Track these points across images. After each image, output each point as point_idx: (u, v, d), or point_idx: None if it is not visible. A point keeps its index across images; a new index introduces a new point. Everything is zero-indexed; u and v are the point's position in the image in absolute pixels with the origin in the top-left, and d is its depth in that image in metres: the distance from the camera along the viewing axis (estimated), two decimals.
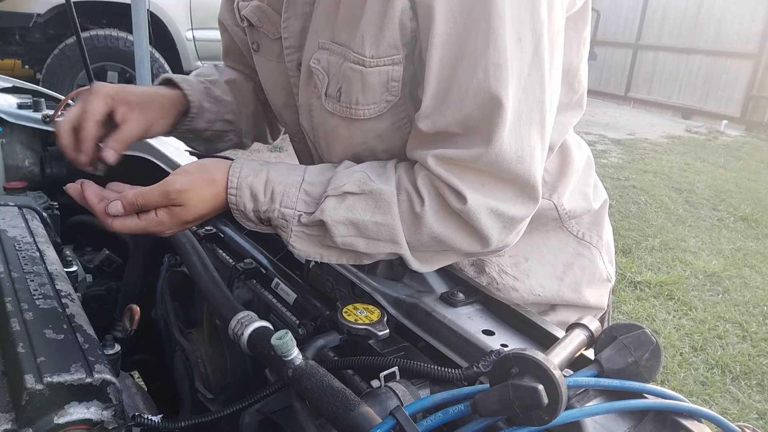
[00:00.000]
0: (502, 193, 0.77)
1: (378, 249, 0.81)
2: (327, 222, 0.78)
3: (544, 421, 0.53)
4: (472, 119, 0.74)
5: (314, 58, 0.83)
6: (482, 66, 0.71)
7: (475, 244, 0.80)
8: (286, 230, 0.81)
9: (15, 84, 1.84)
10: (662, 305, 3.63)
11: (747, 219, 5.31)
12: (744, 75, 9.77)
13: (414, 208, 0.79)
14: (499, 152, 0.74)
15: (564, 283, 0.99)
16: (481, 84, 0.72)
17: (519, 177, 0.76)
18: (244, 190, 0.81)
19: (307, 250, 0.83)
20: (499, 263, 0.95)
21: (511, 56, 0.71)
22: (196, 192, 0.80)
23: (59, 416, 0.60)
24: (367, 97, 0.80)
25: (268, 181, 0.81)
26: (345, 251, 0.83)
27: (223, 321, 0.80)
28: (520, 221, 0.81)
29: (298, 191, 0.81)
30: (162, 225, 0.81)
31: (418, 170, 0.80)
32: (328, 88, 0.83)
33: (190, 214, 0.81)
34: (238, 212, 0.83)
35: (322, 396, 0.61)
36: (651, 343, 0.64)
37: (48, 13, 5.28)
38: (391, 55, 0.77)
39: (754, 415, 2.68)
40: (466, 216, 0.77)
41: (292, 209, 0.80)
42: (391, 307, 0.82)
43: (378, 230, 0.79)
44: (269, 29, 0.93)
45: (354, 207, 0.79)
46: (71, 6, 1.82)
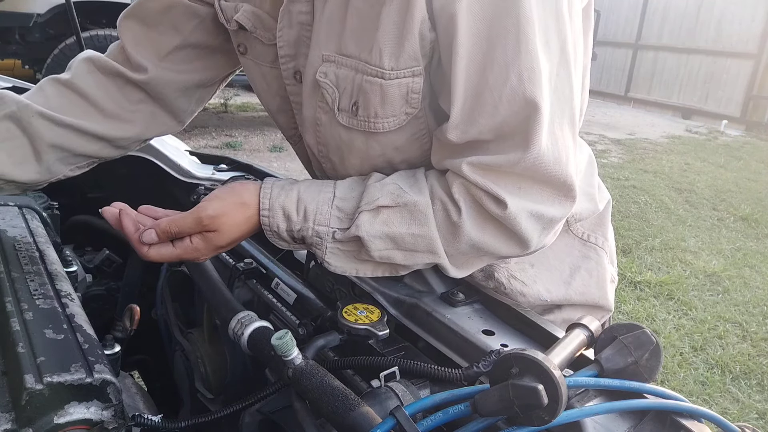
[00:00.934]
0: (539, 194, 0.77)
1: (416, 260, 0.81)
2: (363, 237, 0.78)
3: (544, 421, 0.53)
4: (507, 125, 0.73)
5: (320, 71, 0.81)
6: (515, 71, 0.71)
7: (514, 247, 0.80)
8: (320, 248, 0.81)
9: (15, 84, 1.84)
10: (662, 305, 3.63)
11: (747, 219, 5.31)
12: (744, 75, 9.78)
13: (450, 218, 0.78)
14: (537, 156, 0.73)
15: (571, 287, 0.98)
16: (516, 89, 0.71)
17: (556, 178, 0.76)
18: (276, 211, 0.81)
19: (343, 265, 0.82)
20: (508, 268, 0.95)
21: (542, 59, 0.71)
22: (229, 216, 0.80)
23: (59, 416, 0.60)
24: (387, 110, 0.80)
25: (299, 200, 0.81)
26: (381, 264, 0.83)
27: (223, 321, 0.80)
28: (559, 221, 0.81)
29: (330, 208, 0.80)
30: (197, 251, 0.81)
31: (452, 179, 0.79)
32: (339, 102, 0.82)
33: (224, 239, 0.81)
34: (271, 233, 0.82)
35: (322, 396, 0.61)
36: (651, 343, 0.64)
37: (48, 13, 5.27)
38: (411, 66, 0.76)
39: (754, 415, 2.68)
40: (506, 221, 0.76)
41: (326, 226, 0.80)
42: (391, 307, 0.82)
43: (415, 242, 0.79)
44: (263, 35, 0.91)
45: (389, 220, 0.78)
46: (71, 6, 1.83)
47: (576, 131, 0.78)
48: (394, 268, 0.83)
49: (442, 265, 0.81)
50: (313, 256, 0.99)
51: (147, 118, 1.06)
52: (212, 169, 1.38)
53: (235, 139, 6.45)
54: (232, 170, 1.39)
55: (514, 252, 0.81)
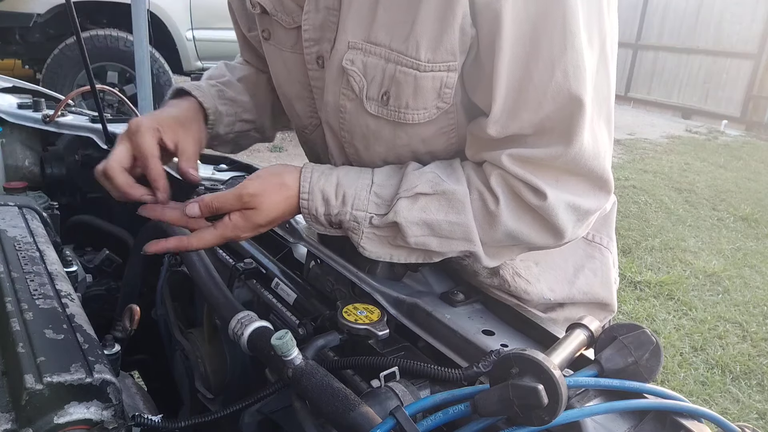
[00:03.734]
0: (576, 187, 0.78)
1: (451, 247, 0.82)
2: (401, 223, 0.79)
3: (544, 421, 0.53)
4: (549, 120, 0.74)
5: (346, 58, 0.82)
6: (560, 68, 0.71)
7: (548, 238, 0.81)
8: (357, 232, 0.82)
9: (15, 84, 1.84)
10: (662, 305, 3.63)
11: (747, 219, 5.31)
12: (744, 75, 9.77)
13: (488, 207, 0.79)
14: (578, 151, 0.75)
15: (575, 286, 0.98)
16: (561, 86, 0.72)
17: (594, 172, 0.77)
18: (316, 194, 0.82)
19: (378, 251, 0.83)
20: (513, 266, 0.95)
21: (586, 56, 0.72)
22: (269, 196, 0.82)
23: (59, 416, 0.60)
24: (419, 102, 0.80)
25: (338, 185, 0.82)
26: (415, 250, 0.83)
27: (223, 321, 0.80)
28: (593, 213, 0.82)
29: (368, 194, 0.82)
30: (237, 229, 0.82)
31: (490, 169, 0.80)
32: (368, 90, 0.82)
33: (263, 217, 0.82)
34: (309, 216, 0.84)
35: (322, 396, 0.61)
36: (651, 343, 0.64)
37: (48, 13, 5.27)
38: (447, 61, 0.76)
39: (754, 415, 2.68)
40: (544, 212, 0.77)
41: (364, 211, 0.81)
42: (391, 307, 0.82)
43: (452, 229, 0.80)
44: (284, 18, 0.92)
45: (427, 207, 0.79)
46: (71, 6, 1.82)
47: (612, 127, 0.80)
48: (428, 255, 0.84)
49: (475, 253, 0.82)
50: (313, 256, 0.99)
51: None
52: (212, 169, 1.38)
53: None
54: (232, 170, 1.39)
55: (547, 242, 0.82)
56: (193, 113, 0.99)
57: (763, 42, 9.47)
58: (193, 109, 1.00)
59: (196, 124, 0.99)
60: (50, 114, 1.55)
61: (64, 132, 1.57)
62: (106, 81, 5.42)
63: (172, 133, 0.91)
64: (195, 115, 0.99)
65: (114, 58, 5.45)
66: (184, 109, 0.99)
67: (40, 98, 1.65)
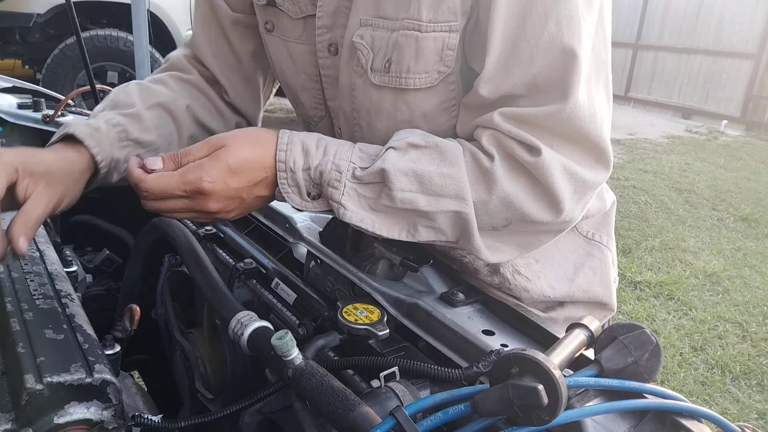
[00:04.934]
0: (573, 153, 0.76)
1: (440, 206, 0.75)
2: (388, 171, 0.73)
3: (544, 421, 0.53)
4: (541, 77, 0.73)
5: (356, 34, 0.81)
6: (553, 18, 0.70)
7: (545, 209, 0.76)
8: (339, 185, 0.75)
9: (15, 84, 1.84)
10: (662, 305, 3.63)
11: (747, 219, 5.31)
12: (744, 75, 9.77)
13: (482, 165, 0.76)
14: (573, 108, 0.72)
15: (574, 284, 0.98)
16: (554, 37, 0.71)
17: (590, 137, 0.75)
18: (295, 144, 0.76)
19: (359, 213, 0.77)
20: (514, 264, 0.94)
21: (581, 9, 0.71)
22: (241, 138, 0.76)
23: (59, 416, 0.60)
24: (420, 65, 0.78)
25: (320, 139, 0.78)
26: (398, 218, 0.78)
27: (223, 321, 0.80)
28: (591, 188, 0.79)
29: (352, 148, 0.78)
30: (201, 168, 0.73)
31: (481, 131, 0.78)
32: (373, 62, 0.81)
33: (232, 155, 0.74)
34: (285, 173, 0.76)
35: (322, 396, 0.61)
36: (651, 343, 0.64)
37: (48, 13, 5.27)
38: (449, 21, 0.75)
39: (754, 415, 2.68)
40: (538, 170, 0.74)
41: (347, 161, 0.76)
42: (391, 307, 0.82)
43: (443, 183, 0.75)
44: (291, 8, 0.90)
45: (418, 158, 0.75)
46: (71, 6, 1.83)
47: (611, 98, 0.78)
48: (413, 224, 0.78)
49: (466, 219, 0.76)
50: (313, 256, 0.99)
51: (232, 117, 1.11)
52: None
53: None
54: None
55: (544, 215, 0.77)
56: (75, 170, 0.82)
57: (763, 42, 9.47)
58: (78, 163, 0.82)
59: (70, 183, 0.81)
60: (50, 114, 1.55)
61: None
62: (106, 81, 5.41)
63: (29, 183, 0.74)
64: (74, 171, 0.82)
65: (114, 58, 5.45)
66: (65, 162, 0.81)
67: (40, 98, 1.65)
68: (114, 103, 0.94)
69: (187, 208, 0.77)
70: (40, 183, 0.75)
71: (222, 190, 0.74)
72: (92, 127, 0.85)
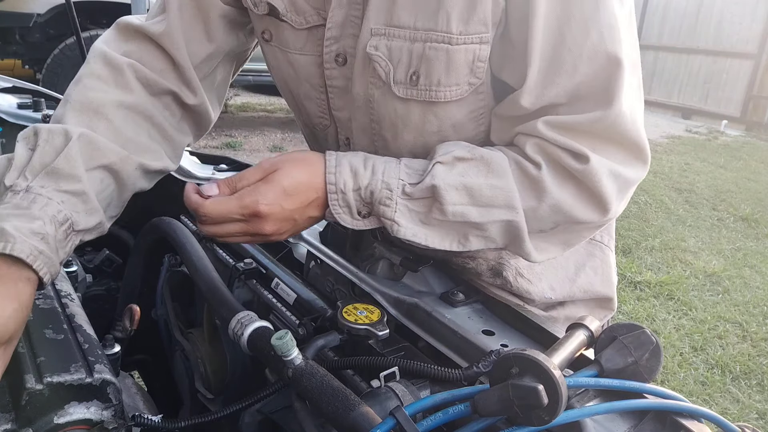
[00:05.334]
0: (615, 155, 0.76)
1: (491, 216, 0.77)
2: (439, 186, 0.75)
3: (544, 421, 0.53)
4: (584, 86, 0.73)
5: (370, 45, 0.79)
6: (595, 28, 0.71)
7: (593, 210, 0.78)
8: (390, 203, 0.77)
9: (15, 84, 1.84)
10: (662, 305, 3.63)
11: (747, 219, 5.31)
12: (744, 75, 9.77)
13: (529, 173, 0.76)
14: (618, 113, 0.73)
15: (575, 284, 0.98)
16: (597, 46, 0.71)
17: (631, 139, 0.76)
18: (344, 167, 0.78)
19: (413, 228, 0.78)
20: (517, 266, 0.94)
21: (619, 15, 0.72)
22: (293, 161, 0.78)
23: (59, 416, 0.60)
24: (451, 77, 0.78)
25: (367, 158, 0.79)
26: (449, 230, 0.79)
27: (223, 321, 0.80)
28: (633, 185, 0.80)
29: (398, 164, 0.79)
30: (257, 192, 0.76)
31: (524, 140, 0.78)
32: (395, 74, 0.80)
33: (287, 177, 0.76)
34: (336, 195, 0.78)
35: (322, 396, 0.61)
36: (651, 343, 0.64)
37: (48, 13, 5.27)
38: (480, 32, 0.75)
39: (754, 415, 2.68)
40: (586, 177, 0.75)
41: (396, 179, 0.77)
42: (391, 307, 0.82)
43: (493, 194, 0.76)
44: (295, 19, 0.87)
45: (466, 172, 0.76)
46: (71, 6, 1.83)
47: (642, 94, 0.78)
48: (464, 234, 0.79)
49: (517, 226, 0.77)
50: (313, 256, 0.99)
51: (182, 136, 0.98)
52: (212, 169, 1.38)
53: (235, 139, 6.45)
54: (232, 170, 1.38)
55: (592, 216, 0.78)
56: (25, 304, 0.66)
57: (763, 42, 9.47)
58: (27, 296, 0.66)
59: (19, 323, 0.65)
60: (50, 114, 1.55)
61: None
62: None
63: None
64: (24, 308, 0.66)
65: None
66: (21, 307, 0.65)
67: (40, 98, 1.65)
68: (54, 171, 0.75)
69: (243, 231, 0.79)
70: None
71: (277, 212, 0.77)
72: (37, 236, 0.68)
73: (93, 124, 0.83)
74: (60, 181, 0.75)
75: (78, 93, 0.86)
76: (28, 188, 0.73)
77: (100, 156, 0.80)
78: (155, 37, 0.92)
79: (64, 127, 0.79)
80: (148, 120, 0.91)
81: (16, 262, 0.66)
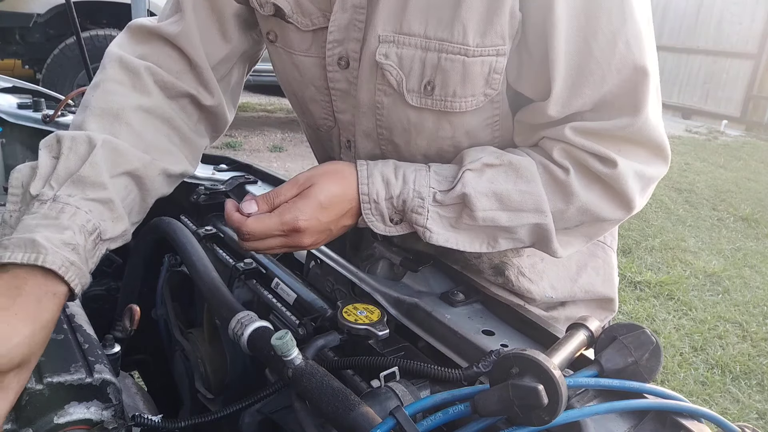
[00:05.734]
0: (639, 155, 0.79)
1: (521, 220, 0.79)
2: (470, 194, 0.77)
3: (544, 421, 0.53)
4: (611, 95, 0.75)
5: (379, 53, 0.79)
6: (623, 39, 0.72)
7: (618, 209, 0.81)
8: (422, 211, 0.79)
9: (15, 84, 1.84)
10: (662, 305, 3.63)
11: (747, 219, 5.31)
12: (744, 75, 9.77)
13: (557, 178, 0.79)
14: (645, 120, 0.76)
15: (577, 284, 0.98)
16: (625, 57, 0.73)
17: (655, 141, 0.79)
18: (375, 177, 0.80)
19: (444, 233, 0.81)
20: (519, 265, 0.95)
21: (643, 26, 0.73)
22: (327, 174, 0.80)
23: (59, 416, 0.60)
24: (467, 89, 0.79)
25: (397, 167, 0.81)
26: (479, 233, 0.81)
27: (223, 321, 0.80)
28: (655, 182, 0.83)
29: (428, 172, 0.80)
30: (294, 208, 0.77)
31: (551, 144, 0.80)
32: (407, 83, 0.81)
33: (323, 192, 0.78)
34: (369, 204, 0.80)
35: (322, 396, 0.61)
36: (651, 343, 0.64)
37: (48, 13, 5.27)
38: (497, 45, 0.76)
39: (754, 415, 2.68)
40: (613, 180, 0.77)
41: (427, 187, 0.79)
42: (391, 307, 0.82)
43: (522, 199, 0.78)
44: (300, 21, 0.87)
45: (495, 178, 0.78)
46: (71, 6, 1.83)
47: (660, 95, 0.80)
48: (494, 236, 0.82)
49: (545, 228, 0.80)
50: (313, 256, 0.99)
51: (200, 138, 0.98)
52: (212, 169, 1.38)
53: (235, 139, 6.45)
54: (232, 170, 1.38)
55: (616, 215, 0.81)
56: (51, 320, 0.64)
57: (763, 42, 9.47)
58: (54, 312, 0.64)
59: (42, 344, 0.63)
60: (50, 114, 1.55)
61: None
62: None
63: None
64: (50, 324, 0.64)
65: None
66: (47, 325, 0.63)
67: (40, 98, 1.65)
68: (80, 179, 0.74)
69: (283, 244, 0.81)
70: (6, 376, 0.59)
71: (315, 226, 0.79)
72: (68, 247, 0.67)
73: (114, 129, 0.82)
74: (86, 190, 0.74)
75: (97, 99, 0.85)
76: (55, 197, 0.71)
77: (124, 162, 0.80)
78: (171, 37, 0.91)
79: (87, 134, 0.78)
80: (166, 123, 0.90)
81: (46, 274, 0.64)
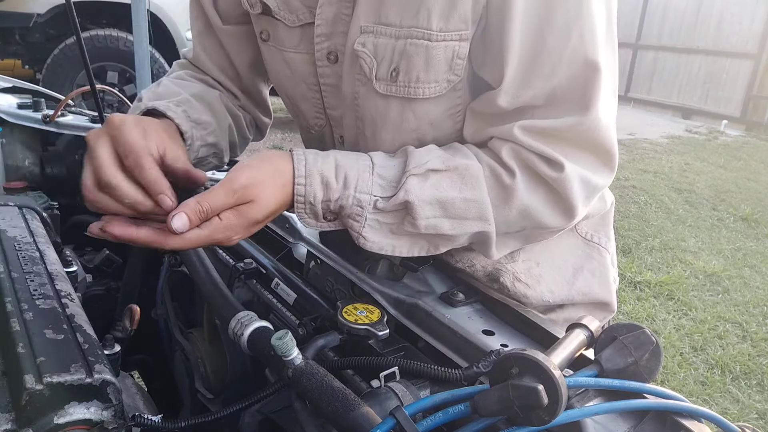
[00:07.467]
0: (586, 161, 0.77)
1: (464, 229, 0.78)
2: (413, 202, 0.74)
3: (544, 421, 0.53)
4: (561, 89, 0.73)
5: (358, 42, 0.79)
6: (576, 32, 0.71)
7: (559, 216, 0.79)
8: (359, 219, 0.76)
9: (15, 84, 1.84)
10: (662, 305, 3.63)
11: (747, 219, 5.31)
12: (744, 75, 9.77)
13: (502, 182, 0.77)
14: (594, 120, 0.74)
15: (574, 287, 0.98)
16: (577, 50, 0.71)
17: (604, 146, 0.77)
18: (314, 178, 0.74)
19: (380, 240, 0.78)
20: (514, 271, 0.94)
21: (599, 22, 0.72)
22: (265, 185, 0.72)
23: (59, 416, 0.60)
24: (430, 74, 0.78)
25: (338, 167, 0.76)
26: (420, 239, 0.79)
27: (223, 321, 0.80)
28: (599, 191, 0.81)
29: (371, 175, 0.76)
30: (229, 229, 0.71)
31: (500, 144, 0.78)
32: (377, 70, 0.80)
33: (260, 211, 0.72)
34: (304, 205, 0.75)
35: (322, 396, 0.61)
36: (651, 343, 0.64)
37: (48, 13, 5.27)
38: (459, 30, 0.75)
39: (754, 415, 2.68)
40: (559, 184, 0.76)
41: (368, 194, 0.75)
42: (391, 307, 0.82)
43: (466, 207, 0.76)
44: (287, 17, 0.88)
45: (439, 185, 0.76)
46: (71, 6, 1.82)
47: (616, 102, 0.79)
48: (435, 243, 0.80)
49: (488, 236, 0.79)
50: (313, 256, 0.99)
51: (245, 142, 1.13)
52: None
53: None
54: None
55: (558, 222, 0.80)
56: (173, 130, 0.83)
57: (763, 42, 9.47)
58: (173, 128, 0.83)
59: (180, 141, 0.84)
60: (50, 114, 1.55)
61: (64, 132, 1.57)
62: (106, 81, 5.42)
63: (157, 138, 0.74)
64: (176, 133, 0.84)
65: (114, 58, 5.45)
66: (165, 124, 0.82)
67: (40, 98, 1.65)
68: (158, 95, 0.91)
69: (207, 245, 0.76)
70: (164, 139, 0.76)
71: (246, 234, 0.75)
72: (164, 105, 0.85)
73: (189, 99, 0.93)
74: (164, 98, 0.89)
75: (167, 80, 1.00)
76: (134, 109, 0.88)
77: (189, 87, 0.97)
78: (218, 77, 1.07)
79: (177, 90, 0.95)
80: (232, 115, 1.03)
81: None
